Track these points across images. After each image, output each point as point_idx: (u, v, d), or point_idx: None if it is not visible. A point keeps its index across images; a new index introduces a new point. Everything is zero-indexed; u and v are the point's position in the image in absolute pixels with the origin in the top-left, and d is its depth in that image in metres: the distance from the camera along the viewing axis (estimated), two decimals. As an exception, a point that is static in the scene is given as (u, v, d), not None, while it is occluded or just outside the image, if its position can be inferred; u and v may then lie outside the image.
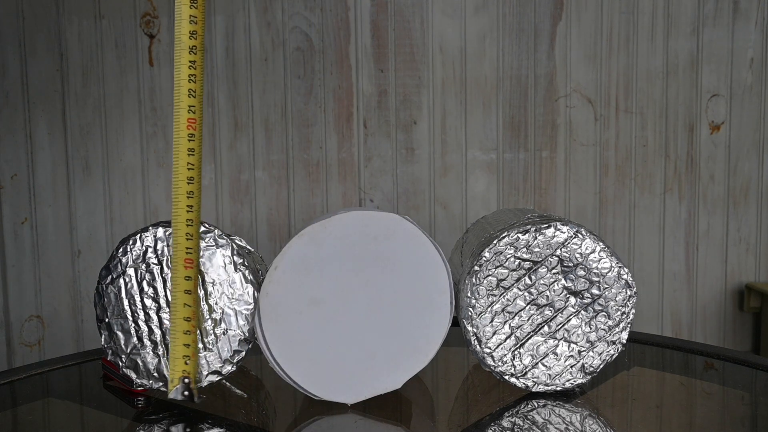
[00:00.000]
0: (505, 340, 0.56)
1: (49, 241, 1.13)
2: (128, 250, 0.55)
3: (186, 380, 0.54)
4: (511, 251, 0.56)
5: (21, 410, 0.59)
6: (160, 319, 0.55)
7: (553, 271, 0.56)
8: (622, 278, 0.56)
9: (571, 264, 0.56)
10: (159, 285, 0.55)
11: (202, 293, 0.55)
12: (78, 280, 1.14)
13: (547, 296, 0.56)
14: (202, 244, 0.56)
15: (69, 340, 1.15)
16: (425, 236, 0.55)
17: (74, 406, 0.60)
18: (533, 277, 0.56)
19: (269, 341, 0.55)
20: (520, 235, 0.56)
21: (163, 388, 0.56)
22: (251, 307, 0.55)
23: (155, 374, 0.55)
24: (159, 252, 0.55)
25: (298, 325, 0.55)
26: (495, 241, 0.56)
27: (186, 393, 0.54)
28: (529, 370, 0.57)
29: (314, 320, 0.55)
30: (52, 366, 0.67)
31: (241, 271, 0.56)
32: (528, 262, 0.56)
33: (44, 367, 0.66)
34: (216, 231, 0.56)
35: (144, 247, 0.55)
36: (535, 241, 0.56)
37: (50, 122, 1.12)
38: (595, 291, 0.56)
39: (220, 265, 0.55)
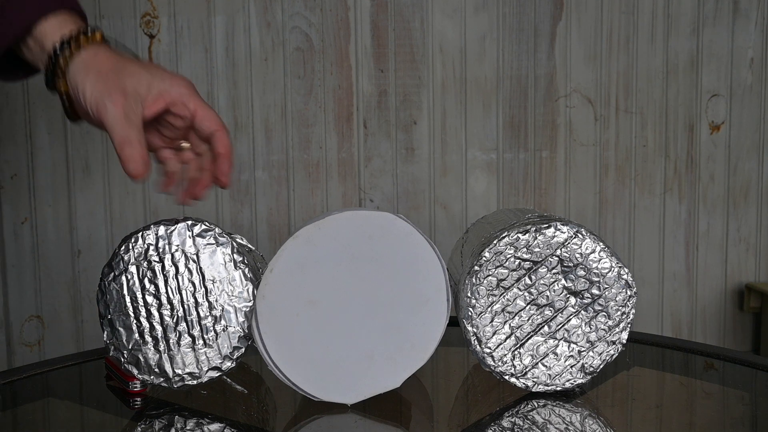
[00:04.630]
0: (505, 340, 0.56)
1: (49, 241, 1.13)
2: (130, 247, 0.56)
3: None
4: (511, 251, 0.56)
5: (21, 410, 0.59)
6: (161, 315, 0.55)
7: (553, 271, 0.56)
8: (622, 278, 0.56)
9: (571, 264, 0.56)
10: (160, 282, 0.55)
11: (202, 290, 0.55)
12: (78, 280, 1.14)
13: (547, 296, 0.56)
14: (203, 242, 0.56)
15: (69, 340, 1.15)
16: (419, 234, 0.55)
17: (74, 406, 0.60)
18: (533, 277, 0.56)
19: (267, 344, 0.55)
20: (520, 235, 0.56)
21: (163, 384, 0.56)
22: (251, 304, 0.56)
23: (156, 370, 0.56)
24: (161, 249, 0.56)
25: (296, 327, 0.55)
26: (495, 241, 0.56)
27: None
28: (529, 370, 0.57)
29: (311, 321, 0.55)
30: (52, 366, 0.67)
31: (240, 269, 0.56)
32: (528, 262, 0.56)
33: (44, 367, 0.66)
34: (216, 229, 0.56)
35: (146, 245, 0.56)
36: (535, 241, 0.56)
37: (50, 122, 1.11)
38: (595, 291, 0.56)
39: (220, 263, 0.56)
